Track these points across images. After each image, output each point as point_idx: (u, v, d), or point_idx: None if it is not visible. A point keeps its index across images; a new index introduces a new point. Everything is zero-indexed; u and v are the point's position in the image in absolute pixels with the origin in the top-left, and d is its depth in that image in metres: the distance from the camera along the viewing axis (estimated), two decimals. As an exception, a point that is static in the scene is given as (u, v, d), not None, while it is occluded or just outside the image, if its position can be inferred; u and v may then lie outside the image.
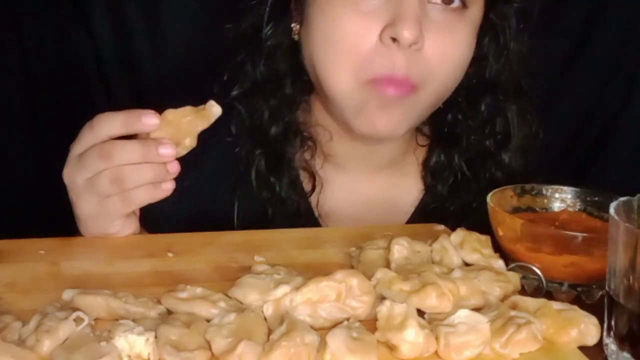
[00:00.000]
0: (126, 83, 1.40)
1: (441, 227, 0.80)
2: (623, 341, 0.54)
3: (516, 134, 0.96)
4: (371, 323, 0.55)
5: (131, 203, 0.72)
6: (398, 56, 0.80)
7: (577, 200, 0.75)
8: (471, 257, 0.67)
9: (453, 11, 0.83)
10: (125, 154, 0.69)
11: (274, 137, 0.92)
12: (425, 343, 0.52)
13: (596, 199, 0.74)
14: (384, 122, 0.83)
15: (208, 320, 0.55)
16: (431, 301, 0.56)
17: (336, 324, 0.55)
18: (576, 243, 0.64)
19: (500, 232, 0.69)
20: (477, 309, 0.57)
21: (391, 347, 0.52)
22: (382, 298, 0.57)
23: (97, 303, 0.55)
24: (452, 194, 0.96)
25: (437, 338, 0.53)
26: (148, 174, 0.70)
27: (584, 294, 0.66)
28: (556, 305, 0.58)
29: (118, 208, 0.72)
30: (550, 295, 0.65)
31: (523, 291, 0.65)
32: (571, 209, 0.75)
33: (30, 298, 0.59)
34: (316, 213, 0.95)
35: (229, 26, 0.93)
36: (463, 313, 0.55)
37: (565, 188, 0.76)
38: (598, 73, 1.42)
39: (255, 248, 0.71)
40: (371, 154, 0.95)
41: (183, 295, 0.58)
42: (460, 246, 0.69)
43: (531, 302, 0.59)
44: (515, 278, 0.64)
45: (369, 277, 0.59)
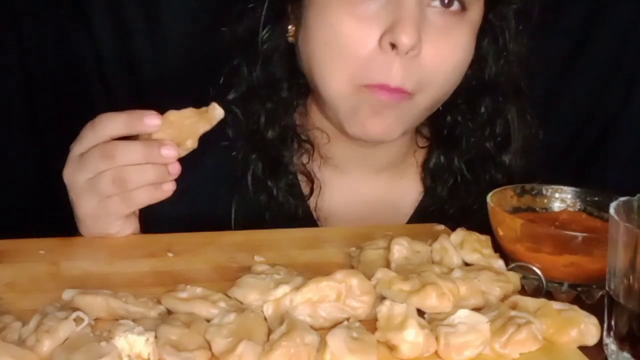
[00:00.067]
0: (126, 83, 1.39)
1: (441, 227, 0.79)
2: (623, 341, 0.54)
3: (516, 136, 0.95)
4: (371, 323, 0.55)
5: (132, 203, 0.72)
6: (395, 63, 0.79)
7: (577, 200, 0.75)
8: (471, 257, 0.67)
9: (452, 14, 0.83)
10: (127, 155, 0.69)
11: (271, 141, 0.92)
12: (425, 343, 0.52)
13: (596, 199, 0.74)
14: (376, 126, 0.83)
15: (208, 320, 0.55)
16: (431, 301, 0.56)
17: (336, 324, 0.55)
18: (576, 243, 0.64)
19: (500, 232, 0.69)
20: (477, 309, 0.57)
21: (391, 347, 0.52)
22: (382, 298, 0.57)
23: (97, 303, 0.55)
24: (452, 196, 0.96)
25: (437, 338, 0.53)
26: (150, 175, 0.70)
27: (584, 294, 0.66)
28: (556, 305, 0.59)
29: (119, 208, 0.72)
30: (550, 295, 0.65)
31: (523, 291, 0.65)
32: (571, 209, 0.75)
33: (30, 298, 0.59)
34: (315, 216, 0.94)
35: (225, 29, 0.92)
36: (463, 313, 0.55)
37: (565, 188, 0.76)
38: (598, 73, 1.42)
39: (255, 248, 0.71)
40: (370, 156, 0.94)
41: (183, 295, 0.58)
42: (460, 246, 0.69)
43: (531, 302, 0.59)
44: (515, 278, 0.64)
45: (369, 277, 0.59)
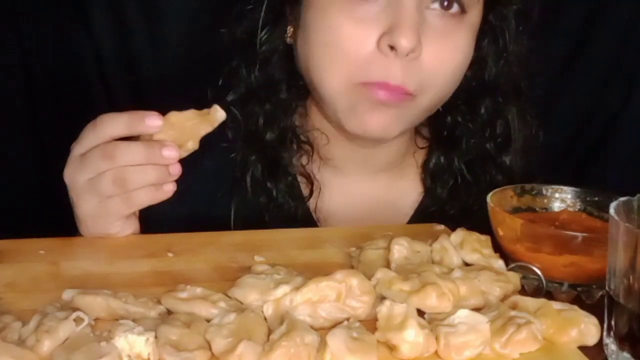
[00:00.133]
0: (126, 83, 1.39)
1: (441, 227, 0.79)
2: (623, 341, 0.54)
3: (516, 136, 0.95)
4: (371, 323, 0.55)
5: (132, 204, 0.72)
6: (395, 65, 0.79)
7: (577, 200, 0.75)
8: (471, 257, 0.67)
9: (452, 16, 0.82)
10: (128, 155, 0.69)
11: (270, 142, 0.92)
12: (425, 343, 0.52)
13: (596, 199, 0.74)
14: (376, 123, 0.82)
15: (208, 320, 0.54)
16: (431, 301, 0.56)
17: (336, 324, 0.55)
18: (576, 243, 0.64)
19: (500, 232, 0.69)
20: (477, 309, 0.57)
21: (391, 347, 0.52)
22: (382, 298, 0.57)
23: (97, 303, 0.55)
24: (452, 197, 0.96)
25: (437, 338, 0.53)
26: (151, 176, 0.70)
27: (584, 294, 0.66)
28: (556, 305, 0.58)
29: (119, 209, 0.72)
30: (550, 295, 0.65)
31: (523, 291, 0.65)
32: (571, 209, 0.75)
33: (30, 298, 0.59)
34: (315, 217, 0.94)
35: (224, 31, 0.92)
36: (463, 313, 0.55)
37: (565, 188, 0.76)
38: (598, 73, 1.42)
39: (255, 248, 0.71)
40: (369, 157, 0.94)
41: (183, 295, 0.58)
42: (460, 246, 0.69)
43: (531, 302, 0.59)
44: (515, 278, 0.64)
45: (369, 277, 0.59)
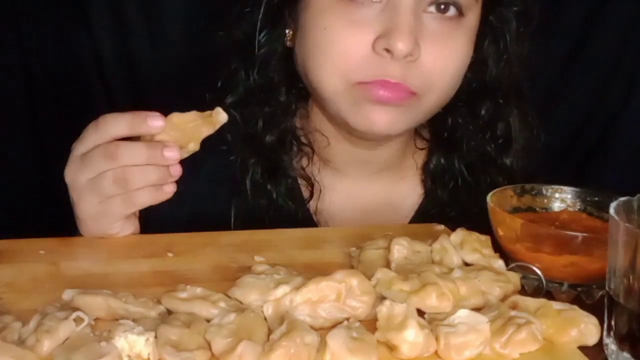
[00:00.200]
0: (126, 83, 1.39)
1: (441, 227, 0.79)
2: (623, 341, 0.54)
3: (517, 138, 0.95)
4: (371, 323, 0.55)
5: (133, 204, 0.72)
6: (392, 65, 0.79)
7: (577, 200, 0.75)
8: (471, 257, 0.67)
9: (449, 20, 0.82)
10: (130, 155, 0.69)
11: (269, 145, 0.92)
12: (425, 343, 0.52)
13: (596, 199, 0.74)
14: (380, 120, 0.82)
15: (208, 320, 0.54)
16: (431, 301, 0.57)
17: (336, 324, 0.55)
18: (576, 243, 0.64)
19: (500, 232, 0.69)
20: (477, 309, 0.57)
21: (391, 347, 0.52)
22: (382, 298, 0.57)
23: (97, 303, 0.55)
24: (452, 199, 0.95)
25: (437, 338, 0.53)
26: (152, 176, 0.70)
27: (584, 294, 0.66)
28: (556, 305, 0.58)
29: (119, 209, 0.72)
30: (550, 295, 0.65)
31: (523, 291, 0.65)
32: (571, 209, 0.75)
33: (30, 298, 0.59)
34: (315, 219, 0.94)
35: (222, 33, 0.92)
36: (463, 313, 0.55)
37: (565, 188, 0.76)
38: (598, 73, 1.42)
39: (255, 248, 0.71)
40: (369, 158, 0.94)
41: (183, 295, 0.58)
42: (460, 246, 0.69)
43: (531, 302, 0.59)
44: (515, 278, 0.64)
45: (369, 277, 0.59)
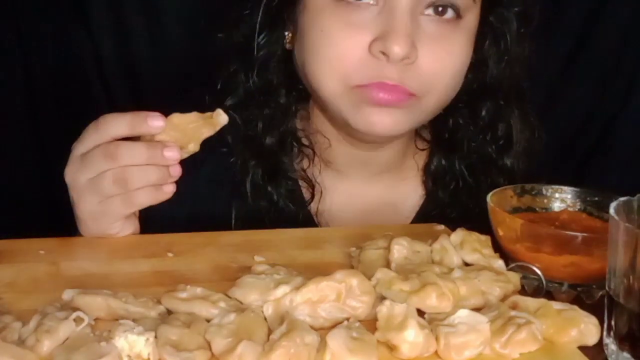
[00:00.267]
0: (126, 83, 1.39)
1: (441, 227, 0.79)
2: (623, 341, 0.54)
3: (518, 138, 0.95)
4: (371, 323, 0.55)
5: (133, 204, 0.72)
6: (388, 67, 0.79)
7: (577, 200, 0.75)
8: (471, 257, 0.67)
9: (447, 22, 0.82)
10: (130, 155, 0.69)
11: (269, 147, 0.92)
12: (425, 343, 0.52)
13: (596, 199, 0.74)
14: (381, 120, 0.82)
15: (208, 320, 0.55)
16: (431, 301, 0.57)
17: (336, 324, 0.55)
18: (576, 243, 0.64)
19: (500, 232, 0.69)
20: (477, 309, 0.57)
21: (391, 347, 0.52)
22: (382, 298, 0.57)
23: (97, 303, 0.55)
24: (453, 200, 0.95)
25: (437, 338, 0.53)
26: (152, 176, 0.70)
27: (584, 294, 0.66)
28: (556, 305, 0.58)
29: (119, 209, 0.72)
30: (550, 295, 0.65)
31: (523, 291, 0.65)
32: (571, 209, 0.75)
33: (30, 298, 0.59)
34: (316, 221, 0.94)
35: (222, 35, 0.92)
36: (463, 313, 0.55)
37: (565, 188, 0.76)
38: (598, 73, 1.42)
39: (255, 248, 0.71)
40: (370, 159, 0.94)
41: (183, 295, 0.58)
42: (460, 246, 0.68)
43: (531, 302, 0.59)
44: (515, 278, 0.64)
45: (369, 277, 0.59)
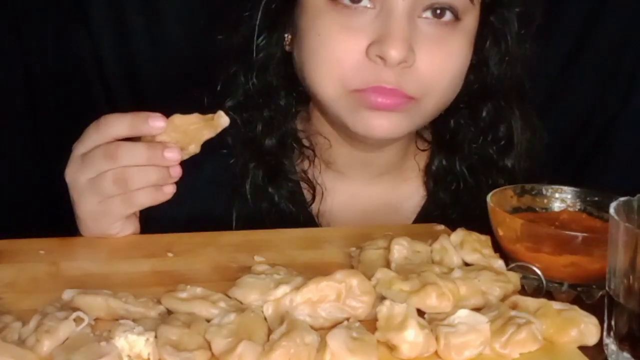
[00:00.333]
0: (126, 83, 1.40)
1: (441, 227, 0.79)
2: (623, 341, 0.54)
3: (520, 139, 0.94)
4: (371, 323, 0.55)
5: (133, 204, 0.72)
6: (385, 72, 0.79)
7: (577, 200, 0.75)
8: (471, 257, 0.67)
9: (445, 24, 0.82)
10: (130, 155, 0.69)
11: (269, 149, 0.92)
12: (425, 343, 0.52)
13: (596, 199, 0.74)
14: (380, 124, 0.82)
15: (208, 320, 0.55)
16: (431, 301, 0.56)
17: (336, 324, 0.55)
18: (576, 243, 0.64)
19: (500, 232, 0.69)
20: (477, 309, 0.57)
21: (391, 347, 0.52)
22: (382, 298, 0.57)
23: (97, 303, 0.55)
24: (455, 201, 0.95)
25: (437, 338, 0.53)
26: (152, 177, 0.70)
27: (584, 294, 0.66)
28: (556, 305, 0.58)
29: (119, 209, 0.72)
30: (550, 295, 0.65)
31: (523, 291, 0.65)
32: (571, 209, 0.75)
33: (30, 298, 0.59)
34: (317, 222, 0.94)
35: (221, 37, 0.92)
36: (463, 313, 0.55)
37: (565, 188, 0.76)
38: (598, 73, 1.42)
39: (255, 248, 0.71)
40: (370, 160, 0.94)
41: (183, 295, 0.58)
42: (460, 246, 0.68)
43: (531, 302, 0.59)
44: (515, 278, 0.64)
45: (369, 277, 0.59)
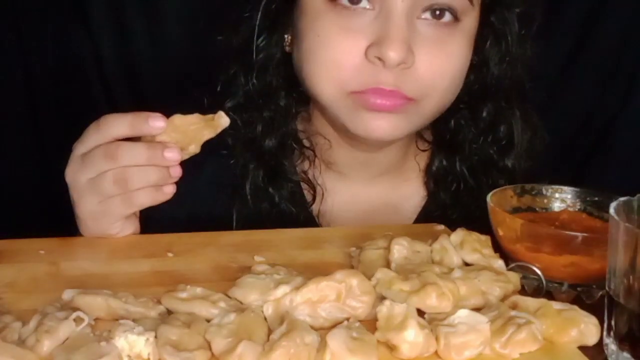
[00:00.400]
0: (126, 83, 1.39)
1: (441, 227, 0.79)
2: (623, 341, 0.54)
3: (520, 140, 0.94)
4: (371, 323, 0.55)
5: (133, 204, 0.72)
6: (385, 73, 0.79)
7: (577, 200, 0.75)
8: (471, 257, 0.67)
9: (445, 25, 0.82)
10: (130, 155, 0.69)
11: (270, 150, 0.92)
12: (425, 343, 0.52)
13: (596, 199, 0.74)
14: (379, 127, 0.82)
15: (208, 320, 0.55)
16: (431, 301, 0.57)
17: (336, 324, 0.55)
18: (576, 243, 0.64)
19: (500, 232, 0.69)
20: (477, 309, 0.57)
21: (391, 347, 0.52)
22: (382, 298, 0.57)
23: (97, 303, 0.55)
24: (455, 201, 0.95)
25: (437, 338, 0.53)
26: (152, 177, 0.70)
27: (584, 294, 0.66)
28: (556, 305, 0.58)
29: (119, 209, 0.72)
30: (550, 295, 0.65)
31: (523, 291, 0.65)
32: (571, 209, 0.75)
33: (30, 298, 0.59)
34: (317, 222, 0.94)
35: (221, 38, 0.92)
36: (463, 313, 0.55)
37: (565, 188, 0.76)
38: (598, 73, 1.42)
39: (255, 248, 0.71)
40: (371, 160, 0.94)
41: (183, 295, 0.58)
42: (460, 246, 0.68)
43: (531, 302, 0.59)
44: (515, 278, 0.64)
45: (369, 277, 0.59)
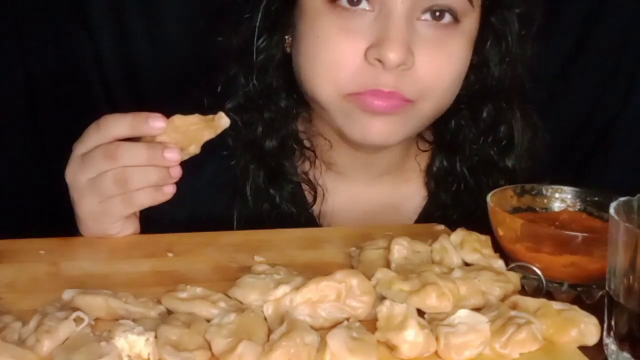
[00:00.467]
0: (126, 83, 1.39)
1: (441, 227, 0.79)
2: (623, 341, 0.54)
3: (521, 140, 0.94)
4: (371, 323, 0.55)
5: (132, 204, 0.72)
6: (384, 75, 0.79)
7: (577, 200, 0.75)
8: (471, 257, 0.67)
9: (444, 27, 0.82)
10: (130, 156, 0.69)
11: (270, 151, 0.92)
12: (425, 343, 0.52)
13: (596, 199, 0.74)
14: (376, 131, 0.82)
15: (208, 320, 0.55)
16: (431, 301, 0.57)
17: (336, 324, 0.55)
18: (576, 243, 0.64)
19: (500, 232, 0.69)
20: (477, 309, 0.57)
21: (391, 347, 0.52)
22: (382, 298, 0.57)
23: (97, 303, 0.56)
24: (455, 202, 0.95)
25: (437, 338, 0.53)
26: (152, 177, 0.71)
27: (584, 294, 0.66)
28: (556, 305, 0.59)
29: (119, 209, 0.72)
30: (550, 295, 0.65)
31: (523, 291, 0.65)
32: (571, 209, 0.75)
33: (30, 298, 0.59)
34: (318, 223, 0.94)
35: (221, 39, 0.92)
36: (463, 313, 0.55)
37: (565, 188, 0.76)
38: (598, 73, 1.42)
39: (255, 248, 0.71)
40: (371, 161, 0.94)
41: (183, 295, 0.58)
42: (460, 246, 0.69)
43: (531, 302, 0.59)
44: (515, 278, 0.64)
45: (369, 277, 0.59)
